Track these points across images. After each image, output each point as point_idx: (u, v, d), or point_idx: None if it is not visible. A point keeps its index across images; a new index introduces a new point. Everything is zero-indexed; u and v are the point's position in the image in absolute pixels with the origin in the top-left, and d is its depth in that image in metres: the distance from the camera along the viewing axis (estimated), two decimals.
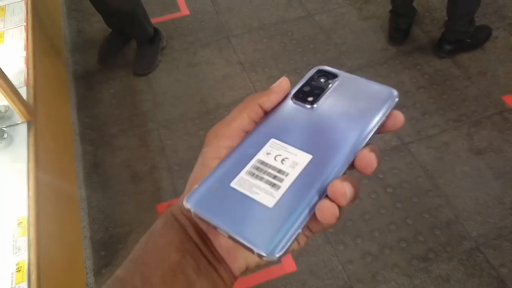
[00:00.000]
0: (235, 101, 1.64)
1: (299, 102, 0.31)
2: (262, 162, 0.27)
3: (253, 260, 0.28)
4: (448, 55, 1.71)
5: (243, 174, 0.27)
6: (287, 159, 0.27)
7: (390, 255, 1.25)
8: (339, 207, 0.25)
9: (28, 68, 1.19)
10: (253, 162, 0.27)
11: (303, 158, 0.27)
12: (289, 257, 1.25)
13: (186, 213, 0.29)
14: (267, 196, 0.25)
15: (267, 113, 0.31)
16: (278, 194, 0.25)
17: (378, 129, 0.29)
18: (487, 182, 1.38)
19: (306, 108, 0.30)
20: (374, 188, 1.38)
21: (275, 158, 0.27)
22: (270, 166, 0.27)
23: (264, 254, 0.23)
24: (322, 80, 0.32)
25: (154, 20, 1.91)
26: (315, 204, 0.25)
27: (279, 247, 0.23)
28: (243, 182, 0.26)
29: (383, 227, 1.30)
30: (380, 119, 0.29)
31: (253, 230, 0.24)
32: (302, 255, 1.25)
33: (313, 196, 0.25)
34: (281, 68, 1.73)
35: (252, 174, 0.27)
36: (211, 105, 1.66)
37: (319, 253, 1.26)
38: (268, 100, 0.30)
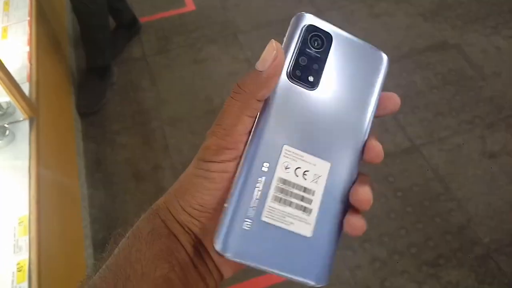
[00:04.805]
0: None
1: (298, 83, 0.26)
2: (285, 181, 0.25)
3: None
4: None
5: (270, 201, 0.24)
6: (308, 172, 0.25)
7: (400, 260, 1.21)
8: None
9: (31, 64, 1.16)
10: (275, 182, 0.24)
11: (322, 168, 0.25)
12: None
13: (181, 220, 0.26)
14: (302, 224, 0.24)
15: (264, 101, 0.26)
16: (312, 219, 0.25)
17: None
18: (501, 186, 1.34)
19: (307, 90, 0.26)
20: (383, 192, 1.34)
21: (295, 173, 0.25)
22: (294, 185, 0.25)
23: (319, 285, 0.24)
24: (316, 45, 0.26)
25: (159, 16, 1.88)
26: (343, 219, 0.25)
27: (329, 273, 0.24)
28: (273, 213, 0.24)
29: (393, 232, 1.26)
30: (378, 96, 0.27)
31: (301, 265, 0.24)
32: None
33: (341, 211, 0.25)
34: None
35: (279, 200, 0.24)
36: (217, 102, 1.62)
37: None
38: (268, 92, 0.25)
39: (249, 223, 0.24)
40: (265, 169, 0.24)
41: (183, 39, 1.87)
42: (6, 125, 1.01)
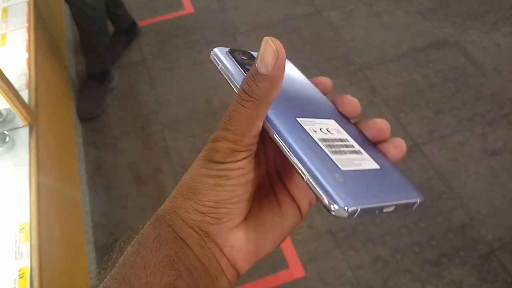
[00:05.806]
0: None
1: None
2: (324, 139, 0.26)
3: (262, 255, 0.27)
4: None
5: (332, 156, 0.25)
6: (328, 129, 0.28)
7: (402, 260, 1.21)
8: None
9: (30, 70, 1.17)
10: (320, 143, 0.26)
11: (333, 124, 0.28)
12: (297, 262, 1.22)
13: (192, 221, 0.25)
14: (366, 162, 0.26)
15: None
16: (366, 156, 0.26)
17: None
18: (503, 183, 1.33)
19: None
20: None
21: (322, 131, 0.27)
22: (332, 140, 0.27)
23: (422, 200, 0.26)
24: (247, 58, 0.31)
25: (157, 19, 1.88)
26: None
27: (418, 189, 0.26)
28: (343, 162, 0.25)
29: (395, 231, 1.26)
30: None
31: (399, 191, 0.25)
32: (311, 260, 1.22)
33: (374, 147, 0.28)
34: None
35: (336, 153, 0.26)
36: (217, 105, 1.63)
37: (329, 258, 1.22)
38: (277, 93, 0.25)
39: (339, 176, 0.24)
40: (301, 137, 0.25)
41: (182, 42, 1.87)
42: (5, 132, 1.01)
